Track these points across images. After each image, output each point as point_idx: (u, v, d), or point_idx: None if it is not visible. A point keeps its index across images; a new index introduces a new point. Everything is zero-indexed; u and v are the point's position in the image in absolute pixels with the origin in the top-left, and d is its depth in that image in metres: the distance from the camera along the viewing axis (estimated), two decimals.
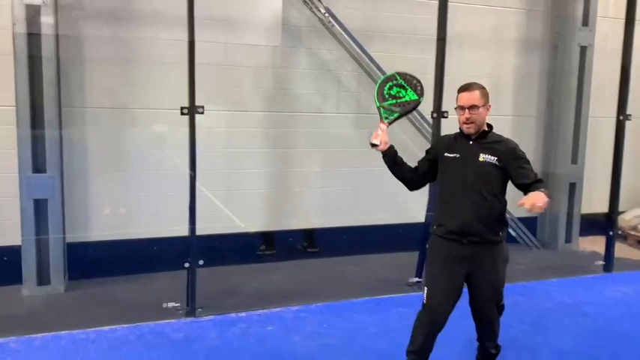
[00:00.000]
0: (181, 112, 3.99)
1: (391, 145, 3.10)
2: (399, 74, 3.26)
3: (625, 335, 4.02)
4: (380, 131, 3.09)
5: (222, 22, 5.06)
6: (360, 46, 5.40)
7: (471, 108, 2.94)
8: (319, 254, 5.67)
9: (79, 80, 4.73)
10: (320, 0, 5.21)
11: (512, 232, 6.03)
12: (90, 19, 4.75)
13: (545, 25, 6.20)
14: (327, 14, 5.21)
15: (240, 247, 5.37)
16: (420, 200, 4.77)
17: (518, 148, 3.01)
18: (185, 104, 4.03)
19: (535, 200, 2.68)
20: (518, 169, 2.93)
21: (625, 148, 5.41)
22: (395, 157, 3.12)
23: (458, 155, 3.02)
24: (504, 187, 3.01)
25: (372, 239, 5.63)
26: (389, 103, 3.17)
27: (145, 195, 5.02)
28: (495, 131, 3.07)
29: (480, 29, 5.90)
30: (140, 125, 4.97)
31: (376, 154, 3.16)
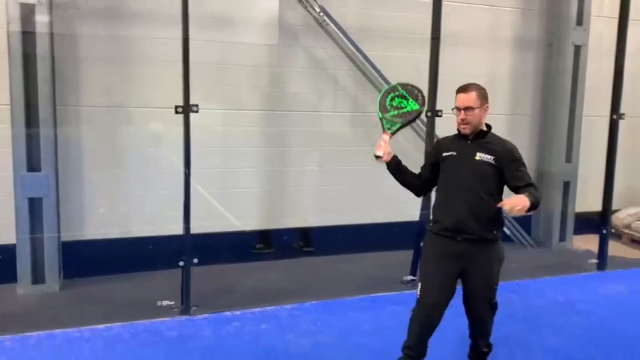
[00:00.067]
0: (176, 111, 3.99)
1: (394, 155, 3.13)
2: (400, 85, 3.30)
3: (618, 333, 4.05)
4: (383, 142, 3.11)
5: (218, 20, 5.05)
6: (355, 45, 5.40)
7: (467, 109, 2.98)
8: (314, 253, 5.69)
9: (73, 79, 4.73)
10: None
11: (506, 230, 6.05)
12: (85, 17, 4.74)
13: (540, 25, 6.22)
14: (321, 13, 5.22)
15: (236, 246, 5.37)
16: (415, 199, 4.73)
17: (515, 150, 3.04)
18: (180, 103, 4.03)
19: (515, 204, 2.72)
20: (514, 171, 2.96)
21: (619, 147, 5.44)
22: (399, 166, 3.16)
23: (455, 154, 3.06)
24: (501, 187, 3.03)
25: (367, 238, 5.64)
26: (391, 114, 3.20)
27: (140, 194, 5.02)
28: (492, 131, 3.10)
29: (475, 28, 5.91)
30: (135, 124, 4.97)
31: (371, 152, 3.17)
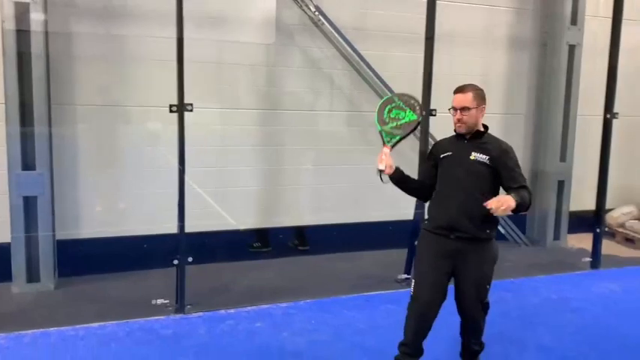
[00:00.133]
0: (170, 110, 3.99)
1: (397, 167, 3.16)
2: (396, 96, 3.31)
3: (611, 331, 4.07)
4: (384, 155, 3.11)
5: (215, 19, 5.06)
6: (350, 45, 5.42)
7: (463, 109, 3.01)
8: (310, 251, 5.70)
9: (68, 77, 4.73)
10: None
11: (501, 229, 6.08)
12: (80, 16, 4.74)
13: (535, 24, 6.24)
14: (316, 12, 5.23)
15: (232, 245, 5.38)
16: (410, 198, 4.78)
17: (511, 151, 3.06)
18: (175, 102, 4.03)
19: (499, 203, 2.75)
20: (509, 172, 2.99)
21: (613, 146, 5.47)
22: (402, 177, 3.19)
23: (451, 153, 3.09)
24: (496, 187, 3.05)
25: (362, 236, 5.66)
26: (390, 126, 3.20)
27: (136, 192, 5.03)
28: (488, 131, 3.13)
29: (470, 28, 5.93)
30: (131, 123, 4.97)
31: (366, 151, 3.20)
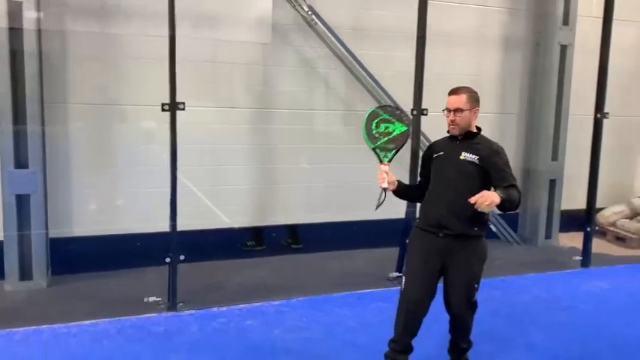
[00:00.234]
0: (162, 109, 4.01)
1: (398, 181, 3.20)
2: (380, 108, 3.32)
3: (600, 329, 4.11)
4: (384, 174, 3.13)
5: (210, 19, 5.07)
6: (343, 44, 5.44)
7: (457, 111, 3.05)
8: (303, 250, 5.73)
9: (61, 76, 4.74)
10: None
11: (493, 227, 6.12)
12: (73, 14, 4.75)
13: (527, 24, 6.28)
14: (310, 12, 5.25)
15: (226, 243, 5.40)
16: None
17: (501, 151, 3.09)
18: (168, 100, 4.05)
19: (484, 199, 2.78)
20: (498, 172, 3.02)
21: (605, 145, 5.51)
22: (404, 189, 3.26)
23: (443, 153, 3.14)
24: (486, 187, 3.05)
25: (355, 235, 5.69)
26: (382, 142, 3.20)
27: (129, 191, 5.04)
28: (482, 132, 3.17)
29: (463, 27, 5.96)
30: (124, 121, 4.99)
31: (358, 150, 3.23)
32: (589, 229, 5.52)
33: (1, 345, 3.59)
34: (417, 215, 3.31)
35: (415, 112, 4.69)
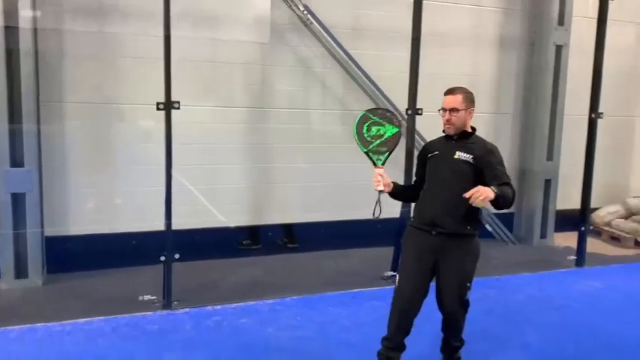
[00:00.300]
0: (157, 108, 4.02)
1: (393, 182, 3.22)
2: (370, 112, 3.33)
3: (594, 328, 4.13)
4: (379, 177, 3.13)
5: (208, 18, 5.08)
6: (339, 44, 5.45)
7: (452, 110, 3.08)
8: (298, 249, 5.74)
9: (57, 75, 4.75)
10: None
11: (488, 227, 6.14)
12: (70, 13, 4.75)
13: (523, 24, 6.30)
14: (305, 12, 5.26)
15: (221, 242, 5.41)
16: None
17: (496, 150, 3.11)
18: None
19: (478, 193, 2.79)
20: (492, 170, 3.03)
21: (599, 145, 5.54)
22: (400, 191, 3.29)
23: (438, 153, 3.17)
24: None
25: (350, 234, 5.69)
26: (374, 145, 3.22)
27: (125, 190, 5.05)
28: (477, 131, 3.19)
29: (459, 28, 5.98)
30: (120, 120, 4.99)
31: (354, 150, 3.26)
32: (583, 228, 5.55)
33: None
34: (412, 214, 3.32)
35: (410, 112, 4.71)
